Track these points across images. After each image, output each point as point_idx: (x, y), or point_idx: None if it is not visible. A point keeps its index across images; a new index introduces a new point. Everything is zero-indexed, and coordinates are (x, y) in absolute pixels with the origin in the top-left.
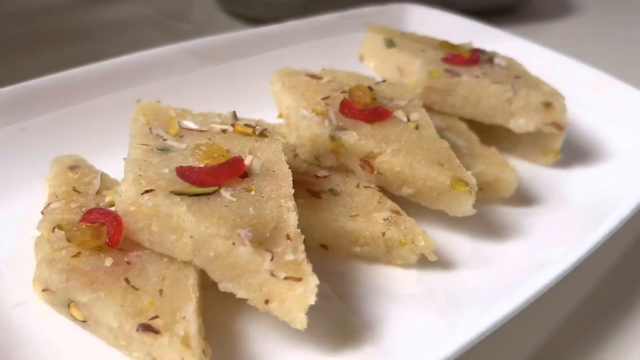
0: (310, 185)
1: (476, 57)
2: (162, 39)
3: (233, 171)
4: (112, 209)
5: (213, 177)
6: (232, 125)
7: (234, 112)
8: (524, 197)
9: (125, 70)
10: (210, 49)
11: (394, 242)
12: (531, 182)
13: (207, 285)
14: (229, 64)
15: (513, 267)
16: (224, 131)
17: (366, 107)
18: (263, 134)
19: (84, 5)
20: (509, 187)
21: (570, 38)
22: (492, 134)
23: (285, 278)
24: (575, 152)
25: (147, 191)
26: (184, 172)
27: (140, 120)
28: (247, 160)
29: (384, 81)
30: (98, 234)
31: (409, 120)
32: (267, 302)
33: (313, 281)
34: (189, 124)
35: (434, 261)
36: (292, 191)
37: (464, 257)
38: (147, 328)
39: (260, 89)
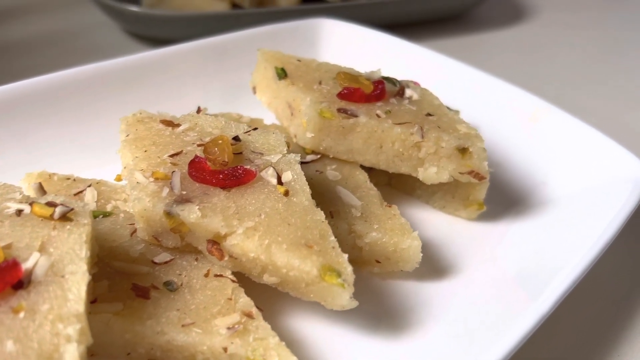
0: (139, 278)
1: (381, 91)
2: (48, 66)
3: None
4: None
5: None
6: (31, 204)
7: (40, 184)
8: (440, 263)
9: None
10: (68, 82)
11: (241, 358)
12: (451, 242)
13: None
14: (89, 100)
15: None
16: (19, 213)
17: (224, 168)
18: (66, 217)
19: None
20: (410, 259)
21: (520, 47)
22: (404, 181)
23: None
24: (505, 200)
25: None
26: None
27: None
28: (30, 262)
29: (255, 129)
30: None
31: (280, 182)
32: None
33: None
34: None
35: None
36: (81, 309)
37: None
38: None
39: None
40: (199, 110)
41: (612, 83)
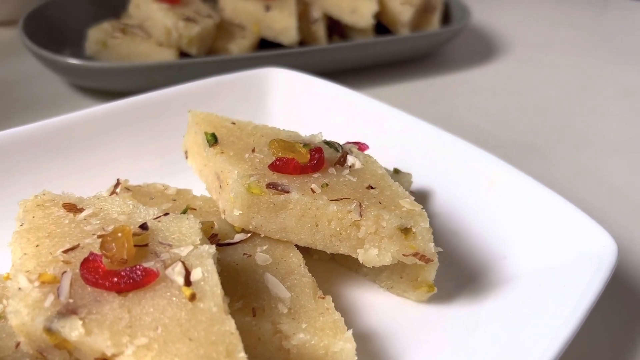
0: None
1: (318, 160)
2: None
3: None
4: None
5: None
6: None
7: None
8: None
9: None
10: None
11: None
12: (397, 330)
13: None
14: None
15: None
16: None
17: (122, 267)
18: None
19: None
20: None
21: (490, 87)
22: (348, 256)
23: None
24: (461, 277)
25: None
26: None
27: None
28: None
29: (166, 214)
30: None
31: (188, 282)
32: None
33: None
34: None
35: None
36: None
37: None
38: None
39: None
40: (117, 184)
41: (586, 126)
